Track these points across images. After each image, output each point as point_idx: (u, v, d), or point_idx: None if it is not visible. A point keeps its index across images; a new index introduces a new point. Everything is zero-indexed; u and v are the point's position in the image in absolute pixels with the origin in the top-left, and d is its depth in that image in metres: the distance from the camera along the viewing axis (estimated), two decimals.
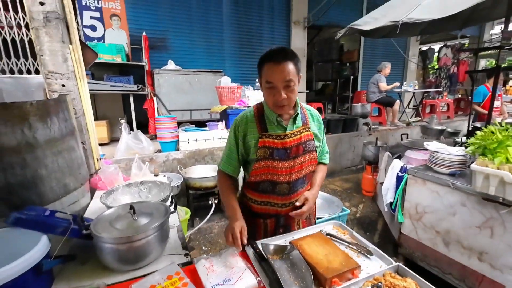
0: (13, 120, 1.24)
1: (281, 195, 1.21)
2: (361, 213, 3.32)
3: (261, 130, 1.18)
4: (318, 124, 1.29)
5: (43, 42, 1.82)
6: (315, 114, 1.30)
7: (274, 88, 1.07)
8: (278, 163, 1.16)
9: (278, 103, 1.09)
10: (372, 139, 4.39)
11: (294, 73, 1.05)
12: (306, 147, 1.19)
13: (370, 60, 7.75)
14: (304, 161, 1.19)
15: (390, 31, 3.16)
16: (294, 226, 1.30)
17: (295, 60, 1.07)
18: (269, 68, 1.06)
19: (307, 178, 1.25)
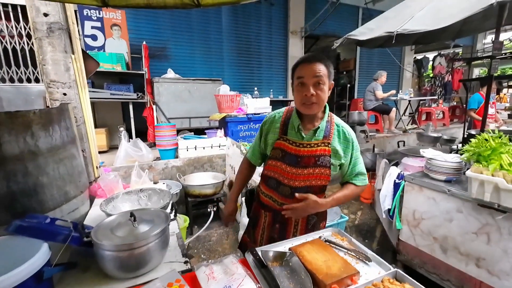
0: (17, 129, 1.26)
1: (282, 195, 1.26)
2: (360, 220, 3.33)
3: (282, 133, 1.25)
4: (345, 142, 1.24)
5: (46, 52, 1.86)
6: (344, 131, 1.25)
7: (304, 84, 1.11)
8: (287, 167, 1.21)
9: (306, 100, 1.12)
10: (369, 146, 4.43)
11: (325, 73, 1.10)
12: (318, 161, 1.19)
13: (366, 69, 7.89)
14: (312, 173, 1.20)
15: (385, 41, 3.24)
16: (291, 225, 1.31)
17: (327, 64, 1.13)
18: (302, 67, 1.13)
19: (312, 190, 1.22)
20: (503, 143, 1.61)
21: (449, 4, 1.99)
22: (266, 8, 6.02)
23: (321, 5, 5.93)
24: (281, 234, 1.32)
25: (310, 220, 1.33)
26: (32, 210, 1.34)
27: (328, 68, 1.12)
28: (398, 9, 2.64)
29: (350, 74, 8.32)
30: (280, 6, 6.19)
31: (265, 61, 6.25)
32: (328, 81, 1.13)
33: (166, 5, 1.50)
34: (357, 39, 2.60)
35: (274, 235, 1.34)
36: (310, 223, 1.33)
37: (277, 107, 6.33)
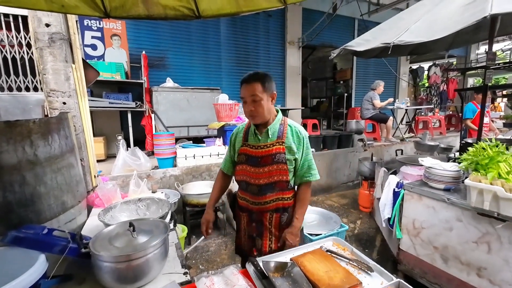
0: (16, 138, 1.26)
1: (252, 193, 1.42)
2: (359, 229, 3.30)
3: (244, 140, 1.45)
4: (298, 140, 1.40)
5: (46, 62, 1.87)
6: (296, 130, 1.42)
7: (245, 102, 1.35)
8: (251, 168, 1.40)
9: (249, 114, 1.35)
10: (367, 154, 4.45)
11: (260, 90, 1.31)
12: (275, 158, 1.36)
13: (363, 78, 8.00)
14: (271, 170, 1.37)
15: (381, 52, 3.30)
16: (266, 222, 1.43)
17: (263, 81, 1.33)
18: (242, 88, 1.36)
19: (276, 185, 1.39)
20: (500, 152, 1.63)
21: (443, 16, 2.05)
22: (264, 19, 6.13)
23: (318, 16, 6.06)
24: (258, 231, 1.45)
25: (283, 217, 1.43)
26: (29, 220, 1.31)
27: (264, 83, 1.32)
28: (393, 21, 2.71)
29: (347, 84, 8.42)
30: (277, 17, 6.32)
31: (263, 71, 6.31)
32: (265, 94, 1.33)
33: (167, 16, 1.53)
34: (354, 50, 2.65)
35: (253, 233, 1.47)
36: (283, 219, 1.43)
37: None
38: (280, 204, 1.41)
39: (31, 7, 1.34)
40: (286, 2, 1.41)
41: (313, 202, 4.21)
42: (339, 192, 4.69)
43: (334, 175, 4.70)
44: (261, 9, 1.47)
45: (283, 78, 6.64)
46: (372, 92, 5.65)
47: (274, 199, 1.40)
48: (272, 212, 1.42)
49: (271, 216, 1.42)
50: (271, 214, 1.42)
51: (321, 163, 4.48)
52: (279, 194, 1.40)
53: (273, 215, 1.42)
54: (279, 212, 1.42)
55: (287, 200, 1.43)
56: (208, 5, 1.49)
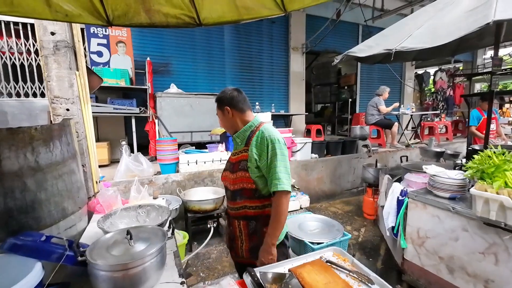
0: (17, 145, 1.27)
1: (228, 199, 1.51)
2: (363, 237, 3.24)
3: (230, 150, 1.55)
4: (261, 146, 1.34)
5: (51, 69, 1.90)
6: (262, 136, 1.36)
7: None
8: (228, 174, 1.47)
9: None
10: (372, 161, 4.40)
11: (216, 110, 1.47)
12: (240, 165, 1.39)
13: (367, 84, 7.97)
14: (237, 177, 1.40)
15: (384, 58, 3.28)
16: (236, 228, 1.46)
17: (217, 102, 1.46)
18: None
19: (242, 192, 1.39)
20: (507, 160, 1.59)
21: (446, 23, 2.03)
22: (267, 25, 6.18)
23: (322, 22, 6.08)
24: (232, 235, 1.49)
25: (250, 225, 1.41)
26: (28, 227, 1.32)
27: (217, 104, 1.45)
28: (396, 27, 2.70)
29: (351, 89, 8.39)
30: (281, 23, 6.36)
31: (266, 77, 6.35)
32: (220, 111, 1.45)
33: (168, 24, 1.54)
34: (357, 56, 2.64)
35: (230, 235, 1.53)
36: (251, 227, 1.41)
37: (278, 121, 6.36)
38: (246, 212, 1.41)
39: (37, 16, 1.37)
40: (286, 10, 1.41)
41: (317, 209, 4.17)
42: (343, 199, 4.63)
43: (338, 181, 4.65)
44: (262, 17, 1.47)
45: (286, 84, 6.65)
46: (378, 97, 5.62)
47: (242, 206, 1.41)
48: (239, 219, 1.43)
49: (239, 223, 1.44)
50: (239, 221, 1.44)
51: (324, 169, 4.45)
52: (245, 202, 1.40)
53: (241, 222, 1.43)
54: (246, 219, 1.42)
55: (254, 208, 1.39)
56: (209, 13, 1.50)
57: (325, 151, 4.71)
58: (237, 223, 1.44)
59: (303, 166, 4.22)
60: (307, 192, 4.09)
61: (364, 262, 2.72)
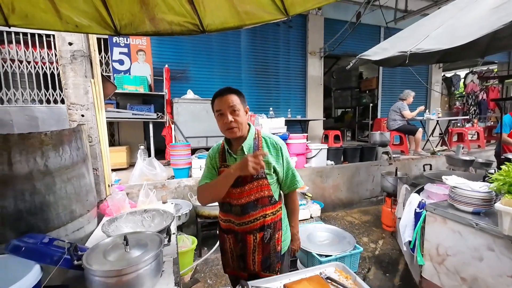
0: (28, 149, 1.33)
1: (236, 214, 1.36)
2: (381, 250, 3.06)
3: (222, 161, 1.38)
4: (275, 151, 1.37)
5: (68, 77, 2.00)
6: (271, 142, 1.38)
7: (222, 114, 1.27)
8: (232, 189, 1.31)
9: (228, 126, 1.26)
10: (392, 169, 4.17)
11: (238, 102, 1.27)
12: (254, 174, 1.28)
13: (389, 88, 7.65)
14: (252, 187, 1.31)
15: (405, 60, 3.10)
16: (251, 240, 1.36)
17: (239, 94, 1.31)
18: (217, 101, 1.29)
19: (258, 202, 1.33)
20: None
21: (467, 22, 1.86)
22: (284, 30, 6.16)
23: (340, 25, 5.94)
24: (243, 250, 1.39)
25: (266, 234, 1.35)
26: (37, 228, 1.37)
27: (239, 96, 1.29)
28: (413, 28, 2.54)
29: (372, 93, 8.10)
30: (298, 27, 6.31)
31: (283, 81, 6.30)
32: (242, 106, 1.30)
33: (173, 32, 1.56)
34: (370, 59, 2.52)
35: (240, 253, 1.42)
36: (266, 236, 1.36)
37: (295, 126, 6.25)
38: (264, 221, 1.35)
39: (50, 28, 1.44)
40: (288, 14, 1.38)
41: (332, 218, 4.01)
42: (361, 208, 4.42)
43: (356, 189, 4.46)
44: (264, 22, 1.45)
45: (304, 89, 6.56)
46: (401, 102, 5.36)
47: (258, 217, 1.34)
48: (256, 232, 1.34)
49: (255, 237, 1.35)
50: (255, 235, 1.34)
51: (340, 176, 4.29)
52: (262, 211, 1.34)
53: (257, 234, 1.34)
54: (262, 230, 1.35)
55: (270, 215, 1.36)
56: (212, 19, 1.50)
57: (342, 158, 4.55)
58: (252, 237, 1.35)
59: (318, 173, 4.10)
60: (322, 200, 3.96)
61: (379, 278, 2.56)
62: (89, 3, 1.36)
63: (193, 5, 1.42)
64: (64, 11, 1.35)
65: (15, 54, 4.22)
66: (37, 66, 4.35)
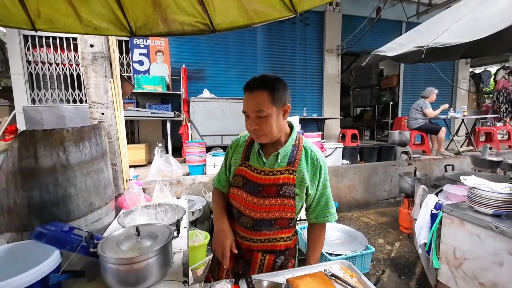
0: (51, 145, 1.44)
1: (243, 227, 1.15)
2: (397, 253, 2.96)
3: (244, 158, 1.17)
4: (313, 169, 1.12)
5: (89, 77, 2.12)
6: (312, 156, 1.13)
7: (248, 117, 1.05)
8: (248, 196, 1.11)
9: (252, 132, 1.07)
10: (411, 169, 4.02)
11: (268, 103, 0.99)
12: (281, 190, 1.08)
13: (411, 85, 7.35)
14: (274, 204, 1.09)
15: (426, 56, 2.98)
16: (256, 263, 1.17)
17: (273, 89, 1.00)
18: (245, 97, 1.06)
19: (276, 223, 1.12)
20: None
21: (490, 14, 1.75)
22: (301, 28, 6.11)
23: (359, 21, 5.80)
24: (245, 270, 1.18)
25: (278, 261, 1.18)
26: (59, 218, 1.48)
27: (273, 92, 1.00)
28: (432, 22, 2.42)
29: (393, 91, 7.82)
30: (315, 25, 6.23)
31: (299, 80, 6.25)
32: (275, 108, 1.01)
33: (185, 32, 1.61)
34: (386, 55, 2.44)
35: (239, 270, 1.21)
36: (277, 264, 1.18)
37: (311, 125, 6.19)
38: (276, 246, 1.16)
39: (71, 31, 1.54)
40: (296, 11, 1.37)
41: (347, 218, 3.94)
42: (378, 209, 4.30)
43: (372, 190, 4.34)
44: (273, 19, 1.46)
45: (320, 87, 6.47)
46: (423, 100, 5.14)
47: (271, 239, 1.15)
48: (265, 253, 1.15)
49: (263, 258, 1.15)
50: (264, 256, 1.15)
51: (357, 176, 4.19)
52: (277, 233, 1.14)
53: (266, 256, 1.15)
54: (274, 254, 1.16)
55: (286, 240, 1.17)
56: (222, 19, 1.53)
57: (359, 157, 4.44)
58: (260, 257, 1.16)
59: (333, 172, 4.04)
60: (337, 199, 3.91)
61: (394, 280, 2.49)
62: (106, 6, 1.44)
63: (203, 6, 1.45)
64: (84, 14, 1.43)
65: (45, 57, 4.52)
66: (64, 68, 4.64)
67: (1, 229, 1.31)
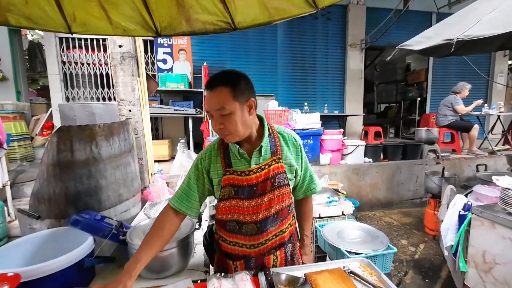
0: (85, 139, 1.55)
1: (248, 235, 1.08)
2: (421, 255, 2.86)
3: (226, 166, 1.06)
4: (294, 149, 1.12)
5: (118, 76, 2.25)
6: (289, 138, 1.12)
7: (212, 117, 0.99)
8: (244, 202, 1.05)
9: (219, 132, 1.00)
10: (439, 168, 3.83)
11: (230, 100, 0.93)
12: (275, 182, 1.05)
13: (441, 80, 6.94)
14: (272, 198, 1.06)
15: (457, 49, 2.82)
16: (270, 263, 1.15)
17: (235, 86, 0.95)
18: (206, 96, 0.99)
19: (278, 215, 1.10)
20: None
21: None
22: (322, 22, 5.98)
23: (385, 14, 5.56)
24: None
25: (287, 251, 1.18)
26: (92, 207, 1.60)
27: (235, 89, 0.94)
28: (463, 13, 2.26)
29: (420, 87, 7.44)
30: (337, 19, 6.07)
31: (320, 76, 6.14)
32: (237, 104, 0.95)
33: (207, 31, 1.66)
34: (412, 49, 2.33)
35: None
36: (288, 253, 1.19)
37: (331, 122, 6.07)
38: (282, 238, 1.15)
39: (102, 33, 1.64)
40: (317, 6, 1.36)
41: (368, 217, 3.85)
42: (401, 209, 4.15)
43: (396, 189, 4.19)
44: (293, 16, 1.46)
45: (342, 83, 6.31)
46: (454, 96, 4.84)
47: (277, 233, 1.13)
48: (274, 251, 1.14)
49: (275, 257, 1.14)
50: (275, 254, 1.14)
51: (379, 175, 4.07)
52: (282, 225, 1.13)
53: (277, 253, 1.14)
54: (282, 246, 1.15)
55: (288, 228, 1.17)
56: (243, 17, 1.56)
57: (382, 156, 4.30)
58: (272, 258, 1.14)
59: (354, 171, 3.95)
60: (358, 198, 3.82)
61: (417, 282, 2.41)
62: (134, 9, 1.52)
63: (224, 4, 1.49)
64: (114, 17, 1.52)
65: (78, 58, 4.82)
66: (94, 68, 4.91)
67: (43, 215, 1.44)
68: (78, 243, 1.14)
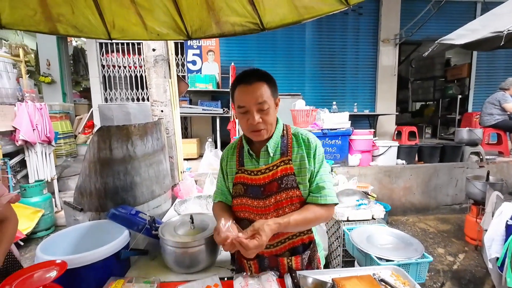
0: (122, 138, 1.66)
1: None
2: (461, 265, 2.65)
3: (239, 165, 1.11)
4: (307, 150, 1.04)
5: (151, 78, 2.36)
6: (304, 138, 1.06)
7: (247, 112, 0.98)
8: (253, 201, 1.05)
9: (253, 128, 0.99)
10: (482, 172, 3.51)
11: (268, 95, 0.97)
12: (282, 183, 1.02)
13: (486, 76, 6.35)
14: (280, 200, 1.02)
15: (507, 42, 2.57)
16: (284, 264, 1.09)
17: (270, 82, 1.00)
18: (241, 92, 0.98)
19: None
20: None
21: None
22: (353, 18, 5.76)
23: (422, 6, 5.20)
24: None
25: (304, 257, 1.10)
26: (128, 203, 1.70)
27: (270, 85, 0.99)
28: None
29: (462, 83, 6.86)
30: (369, 14, 5.80)
31: (350, 73, 5.93)
32: (273, 99, 1.00)
33: (235, 32, 1.68)
34: (454, 43, 2.14)
35: None
36: (305, 261, 1.11)
37: (362, 122, 5.85)
38: (294, 242, 1.09)
39: (138, 38, 1.74)
40: (349, 3, 1.32)
41: (400, 222, 3.65)
42: (438, 215, 3.88)
43: (433, 194, 3.92)
44: (323, 14, 1.42)
45: (373, 80, 6.03)
46: (502, 93, 4.39)
47: (291, 236, 1.09)
48: (289, 254, 1.11)
49: (289, 261, 1.09)
50: (289, 258, 1.08)
51: (414, 178, 3.84)
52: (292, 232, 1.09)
53: (292, 258, 1.09)
54: (298, 252, 1.10)
55: (306, 233, 1.10)
56: (271, 17, 1.56)
57: (417, 157, 4.05)
58: (286, 260, 1.09)
59: (386, 173, 3.76)
60: (389, 202, 3.64)
61: None
62: (167, 14, 1.59)
63: (253, 5, 1.49)
64: (149, 23, 1.60)
65: (115, 61, 5.15)
66: (130, 70, 5.22)
67: (85, 208, 1.57)
68: (115, 236, 1.23)
